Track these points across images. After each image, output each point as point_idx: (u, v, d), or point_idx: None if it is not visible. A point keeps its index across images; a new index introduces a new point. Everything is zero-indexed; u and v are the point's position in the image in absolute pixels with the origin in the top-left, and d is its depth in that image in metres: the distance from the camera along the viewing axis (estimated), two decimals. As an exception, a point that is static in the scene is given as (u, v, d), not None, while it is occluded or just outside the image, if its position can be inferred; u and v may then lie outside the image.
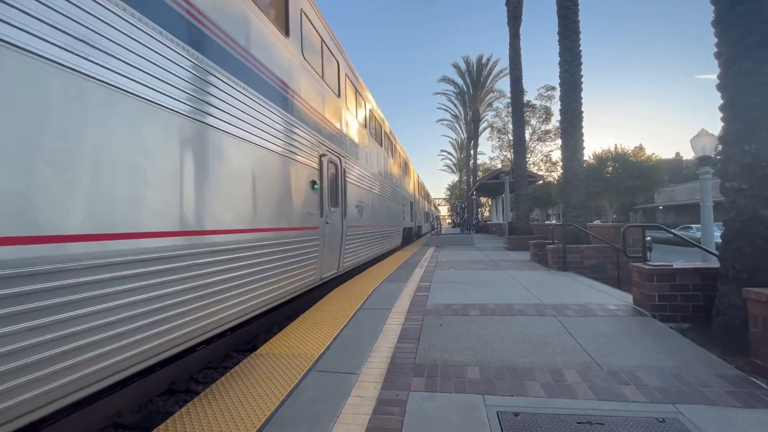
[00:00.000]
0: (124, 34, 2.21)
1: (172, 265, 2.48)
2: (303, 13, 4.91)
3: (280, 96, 4.11)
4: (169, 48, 2.53)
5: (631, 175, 24.71)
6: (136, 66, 2.28)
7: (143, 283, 2.27)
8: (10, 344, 1.65)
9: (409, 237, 17.72)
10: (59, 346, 1.83)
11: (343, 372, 2.63)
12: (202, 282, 2.76)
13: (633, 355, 2.81)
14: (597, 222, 28.99)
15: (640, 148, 34.20)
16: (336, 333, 3.49)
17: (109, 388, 2.41)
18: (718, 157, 3.46)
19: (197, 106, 2.77)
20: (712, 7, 3.30)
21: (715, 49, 3.29)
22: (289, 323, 3.90)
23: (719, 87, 3.25)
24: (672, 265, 3.79)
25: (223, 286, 3.00)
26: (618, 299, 4.56)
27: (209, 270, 2.83)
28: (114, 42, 2.14)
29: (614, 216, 32.00)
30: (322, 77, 5.57)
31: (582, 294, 4.97)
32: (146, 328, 2.30)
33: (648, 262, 4.12)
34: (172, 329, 2.49)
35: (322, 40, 5.68)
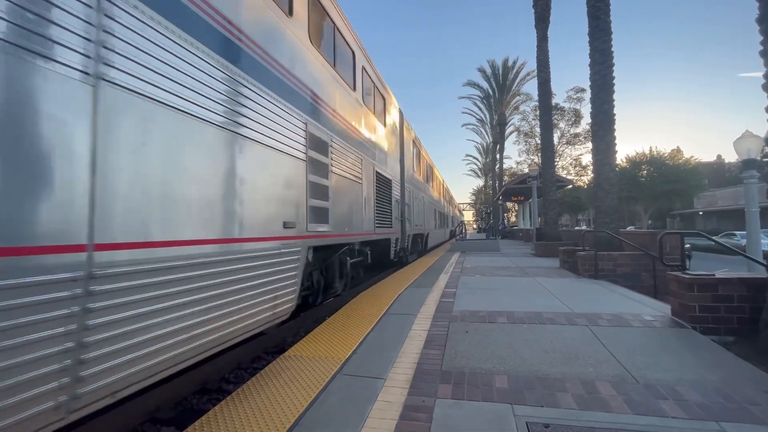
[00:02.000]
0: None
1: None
2: (363, 70, 6.38)
3: (351, 135, 5.36)
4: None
5: (667, 179, 23.53)
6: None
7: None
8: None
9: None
10: None
11: (369, 376, 2.65)
12: None
13: (672, 368, 2.68)
14: (631, 228, 27.81)
15: (678, 150, 32.58)
16: (362, 337, 3.51)
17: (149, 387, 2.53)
18: (765, 159, 3.27)
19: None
20: (757, 4, 3.15)
21: (761, 47, 3.13)
22: (316, 326, 3.97)
23: (765, 87, 3.08)
24: (714, 275, 3.60)
25: None
26: (655, 309, 4.36)
27: None
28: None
29: (649, 222, 30.55)
30: (374, 113, 7.11)
31: (615, 303, 4.78)
32: None
33: (687, 271, 3.93)
34: None
35: (375, 86, 7.39)
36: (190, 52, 2.33)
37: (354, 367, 2.84)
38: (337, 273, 5.25)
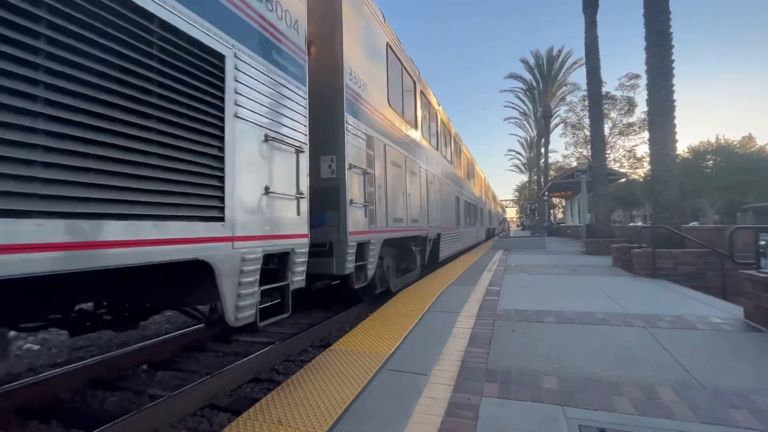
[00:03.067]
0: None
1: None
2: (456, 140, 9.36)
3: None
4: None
5: (738, 169, 21.27)
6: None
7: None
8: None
9: None
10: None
11: (413, 372, 2.66)
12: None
13: (744, 375, 2.45)
14: (694, 224, 25.57)
15: (750, 138, 29.42)
16: (405, 333, 3.53)
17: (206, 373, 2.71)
18: None
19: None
20: None
21: None
22: (360, 322, 4.04)
23: None
24: (796, 274, 3.23)
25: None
26: (724, 311, 3.99)
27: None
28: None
29: (716, 217, 27.84)
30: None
31: (677, 304, 4.43)
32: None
33: (763, 270, 3.56)
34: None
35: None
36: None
37: (398, 362, 2.86)
38: None
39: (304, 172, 3.31)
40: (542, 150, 36.16)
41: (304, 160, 3.33)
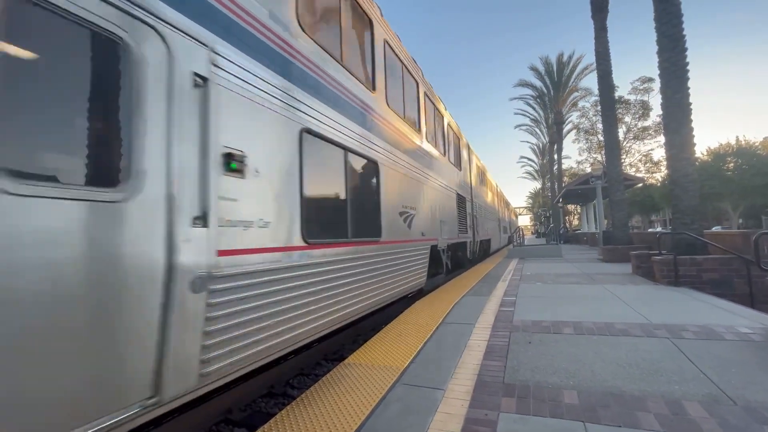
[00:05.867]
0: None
1: None
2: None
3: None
4: None
5: (760, 171, 20.57)
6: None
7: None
8: None
9: None
10: None
11: (429, 387, 2.62)
12: None
13: (778, 389, 2.33)
14: (717, 229, 24.78)
15: (773, 138, 28.51)
16: (419, 346, 3.49)
17: (225, 386, 2.73)
18: None
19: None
20: None
21: None
22: (374, 334, 4.01)
23: None
24: (829, 281, 3.08)
25: None
26: (752, 321, 3.83)
27: None
28: None
29: (740, 221, 26.94)
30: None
31: (702, 313, 4.28)
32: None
33: (793, 277, 3.41)
34: None
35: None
36: None
37: (412, 376, 2.82)
38: None
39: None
40: (555, 156, 35.76)
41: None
